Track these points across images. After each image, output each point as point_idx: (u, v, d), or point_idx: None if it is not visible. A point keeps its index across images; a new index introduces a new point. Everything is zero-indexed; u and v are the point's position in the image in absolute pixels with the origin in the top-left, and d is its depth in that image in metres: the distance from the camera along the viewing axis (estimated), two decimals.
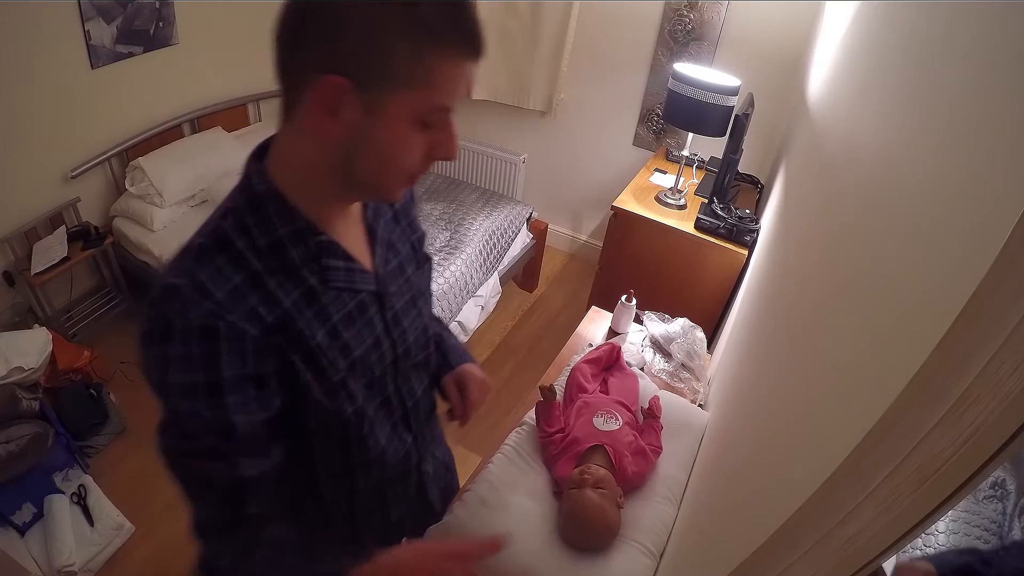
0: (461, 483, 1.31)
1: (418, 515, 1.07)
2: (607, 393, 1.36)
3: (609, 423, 1.23)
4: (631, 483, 1.21)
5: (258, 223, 0.64)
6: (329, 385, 0.70)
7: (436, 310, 1.94)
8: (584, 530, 1.11)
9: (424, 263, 0.90)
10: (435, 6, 0.56)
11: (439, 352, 0.98)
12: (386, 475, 0.87)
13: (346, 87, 0.57)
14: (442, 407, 1.01)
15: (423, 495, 1.03)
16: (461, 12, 0.57)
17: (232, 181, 0.69)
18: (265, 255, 0.64)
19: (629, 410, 1.31)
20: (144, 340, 0.61)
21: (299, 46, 0.62)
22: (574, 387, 1.37)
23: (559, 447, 1.24)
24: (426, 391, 0.93)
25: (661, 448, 1.30)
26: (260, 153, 0.68)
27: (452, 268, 2.36)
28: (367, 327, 0.74)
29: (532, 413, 1.49)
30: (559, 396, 1.38)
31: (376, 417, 0.80)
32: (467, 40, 0.58)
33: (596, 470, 1.14)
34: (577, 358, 1.66)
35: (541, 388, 1.34)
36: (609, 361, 1.47)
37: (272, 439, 0.68)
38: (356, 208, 0.75)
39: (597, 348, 1.49)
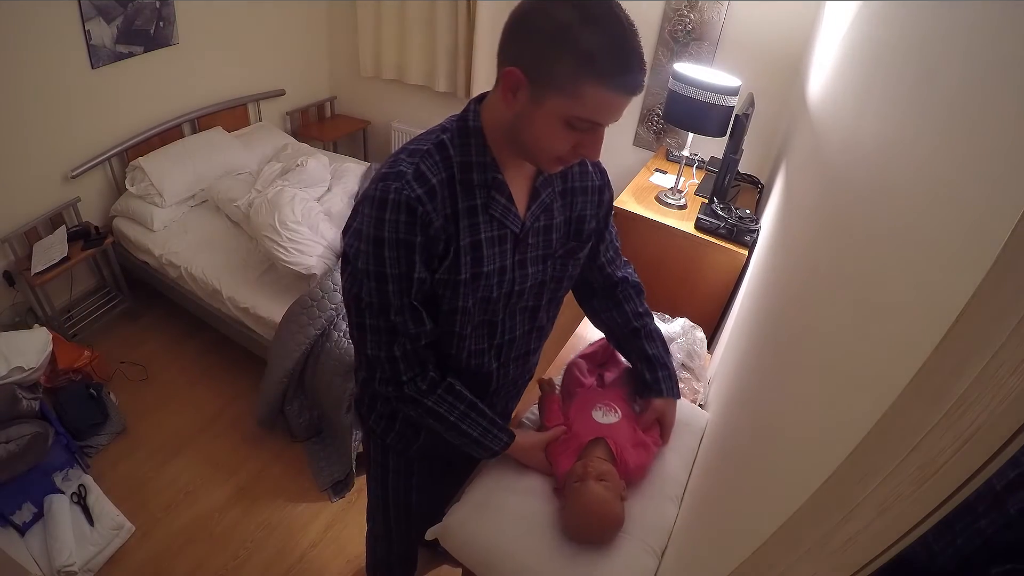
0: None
1: None
2: (604, 387, 1.36)
3: (608, 416, 1.23)
4: (632, 476, 1.21)
5: (463, 145, 0.87)
6: (460, 279, 0.89)
7: None
8: (588, 523, 1.11)
9: (575, 239, 1.05)
10: (606, 43, 0.71)
11: (645, 359, 1.23)
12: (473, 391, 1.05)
13: (522, 79, 0.76)
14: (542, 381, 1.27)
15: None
16: (626, 57, 0.73)
17: (232, 181, 0.72)
18: (460, 168, 0.86)
19: (626, 403, 1.31)
20: (374, 202, 0.82)
21: (507, 38, 0.78)
22: (571, 382, 1.37)
23: (560, 442, 1.24)
24: (525, 335, 1.10)
25: (660, 441, 1.30)
26: (480, 99, 0.89)
27: None
28: (500, 255, 0.93)
29: (530, 412, 1.49)
30: (557, 391, 1.38)
31: (472, 335, 0.99)
32: (621, 81, 0.73)
33: (599, 463, 1.13)
34: (577, 356, 1.66)
35: (540, 382, 1.34)
36: (604, 356, 1.47)
37: (436, 304, 0.91)
38: (530, 169, 0.93)
39: (592, 343, 1.48)
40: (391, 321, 0.88)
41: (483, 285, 0.92)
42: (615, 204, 2.27)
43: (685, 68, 2.09)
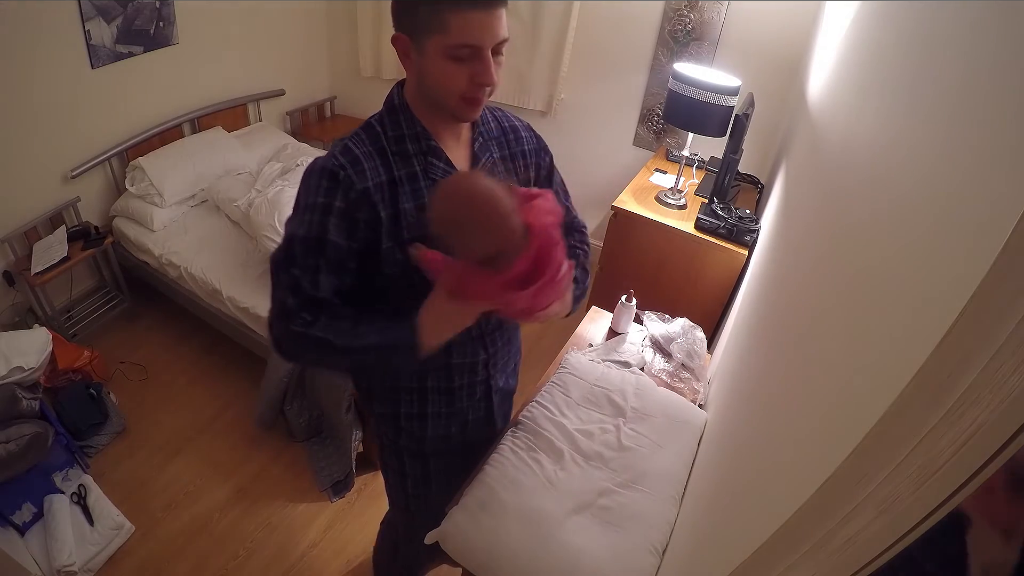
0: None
1: (482, 422, 1.27)
2: None
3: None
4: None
5: (393, 122, 0.94)
6: (402, 240, 0.93)
7: None
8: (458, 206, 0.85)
9: None
10: None
11: None
12: (452, 361, 1.08)
13: (405, 39, 0.86)
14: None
15: (488, 403, 1.25)
16: None
17: (232, 181, 0.74)
18: (393, 141, 0.93)
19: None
20: (306, 172, 0.93)
21: (392, 15, 0.87)
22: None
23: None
24: None
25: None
26: (402, 83, 0.96)
27: None
28: None
29: (527, 412, 1.49)
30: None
31: None
32: None
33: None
34: (576, 354, 1.66)
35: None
36: None
37: (351, 270, 0.94)
38: (466, 138, 1.00)
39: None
40: (292, 275, 0.93)
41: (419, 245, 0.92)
42: (615, 204, 2.28)
43: (685, 68, 2.09)
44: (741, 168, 2.39)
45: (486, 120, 1.04)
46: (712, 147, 2.59)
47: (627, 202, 2.30)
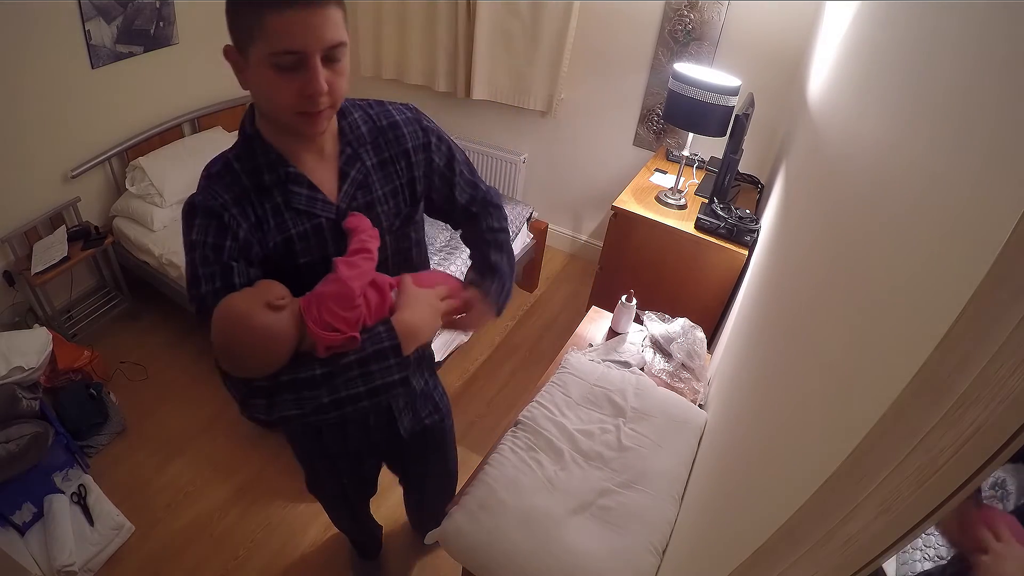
0: (460, 480, 1.31)
1: (384, 423, 1.21)
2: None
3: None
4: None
5: (246, 154, 0.89)
6: (282, 272, 0.90)
7: None
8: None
9: (409, 204, 1.02)
10: None
11: (487, 266, 1.11)
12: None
13: (233, 51, 0.82)
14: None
15: (388, 411, 1.18)
16: None
17: None
18: (250, 176, 0.88)
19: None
20: (183, 217, 0.88)
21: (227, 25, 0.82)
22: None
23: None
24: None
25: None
26: (252, 107, 0.90)
27: (452, 268, 2.36)
28: (318, 246, 0.92)
29: (527, 411, 1.49)
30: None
31: None
32: None
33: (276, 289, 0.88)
34: (576, 354, 1.66)
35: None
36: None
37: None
38: (331, 151, 0.93)
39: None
40: (201, 293, 0.86)
41: (309, 276, 0.88)
42: (615, 204, 2.28)
43: (685, 68, 2.09)
44: (741, 168, 2.39)
45: (354, 125, 0.95)
46: (712, 147, 2.59)
47: (627, 202, 2.30)
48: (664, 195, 2.31)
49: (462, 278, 1.13)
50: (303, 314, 0.84)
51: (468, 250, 1.19)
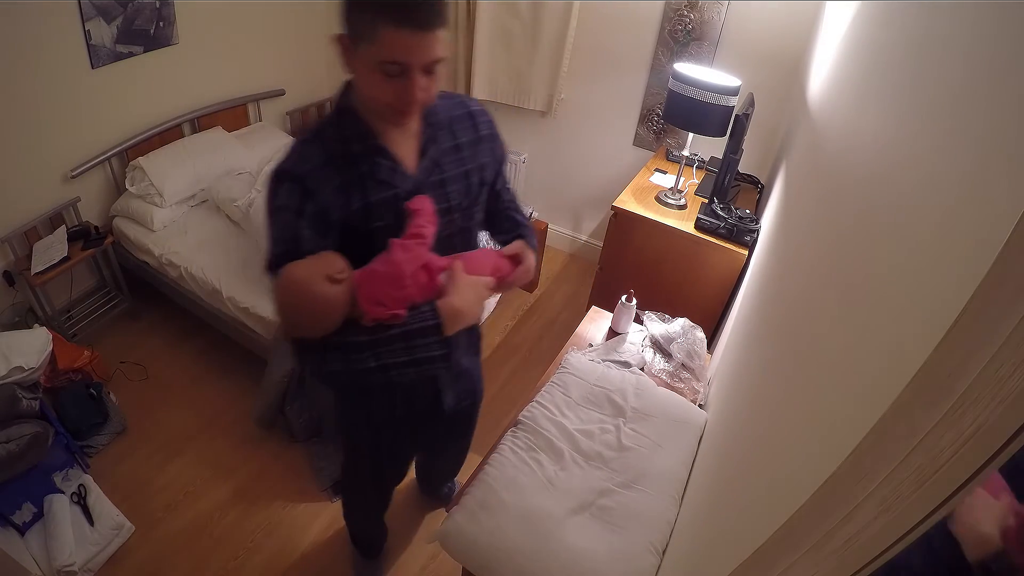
0: (460, 480, 1.31)
1: (430, 399, 1.27)
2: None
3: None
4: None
5: (340, 124, 0.98)
6: (359, 234, 0.99)
7: None
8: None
9: (478, 187, 1.11)
10: None
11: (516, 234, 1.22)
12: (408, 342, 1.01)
13: (346, 41, 0.87)
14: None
15: (434, 383, 1.24)
16: None
17: (232, 181, 0.75)
18: (340, 145, 0.97)
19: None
20: (268, 183, 0.98)
21: (341, 13, 0.88)
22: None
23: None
24: None
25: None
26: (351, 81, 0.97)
27: None
28: (395, 214, 1.00)
29: (527, 411, 1.49)
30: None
31: None
32: (401, 15, 0.81)
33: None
34: (576, 354, 1.66)
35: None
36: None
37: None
38: (414, 131, 1.01)
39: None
40: (275, 254, 0.97)
41: (382, 240, 0.98)
42: (615, 204, 2.28)
43: (685, 68, 2.09)
44: (741, 168, 2.39)
45: (436, 110, 1.03)
46: (712, 147, 2.59)
47: (627, 202, 2.30)
48: (664, 195, 2.31)
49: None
50: (355, 288, 0.94)
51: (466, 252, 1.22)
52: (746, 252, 2.02)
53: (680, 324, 1.78)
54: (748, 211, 2.09)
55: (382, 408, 1.27)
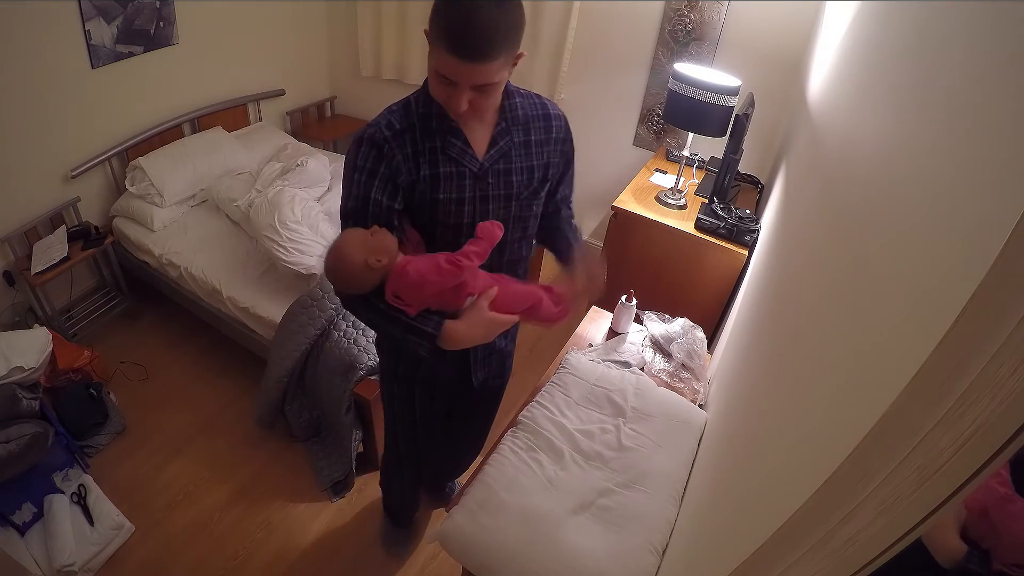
0: (460, 479, 1.31)
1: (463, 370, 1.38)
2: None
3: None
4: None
5: (424, 102, 1.08)
6: (421, 203, 1.11)
7: None
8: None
9: (540, 183, 1.20)
10: (451, 20, 0.92)
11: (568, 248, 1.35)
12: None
13: (428, 36, 0.97)
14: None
15: (465, 358, 1.35)
16: (458, 30, 0.91)
17: (232, 181, 0.75)
18: (422, 119, 1.08)
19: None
20: (351, 146, 1.10)
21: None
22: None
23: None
24: (499, 266, 1.21)
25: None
26: None
27: None
28: (458, 188, 1.11)
29: (527, 412, 1.49)
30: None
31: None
32: (454, 45, 0.92)
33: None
34: (576, 354, 1.66)
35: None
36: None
37: (390, 221, 1.09)
38: (490, 121, 1.12)
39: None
40: (346, 224, 1.11)
41: (443, 211, 1.11)
42: (615, 204, 2.28)
43: (685, 68, 2.09)
44: (741, 168, 2.39)
45: (514, 107, 1.14)
46: (712, 147, 2.59)
47: (627, 202, 2.30)
48: (664, 195, 2.31)
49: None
50: (388, 275, 1.06)
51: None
52: (746, 252, 2.02)
53: (680, 324, 1.78)
54: (748, 211, 2.09)
55: (410, 367, 1.36)
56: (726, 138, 2.04)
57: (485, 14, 0.91)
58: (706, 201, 2.21)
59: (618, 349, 1.75)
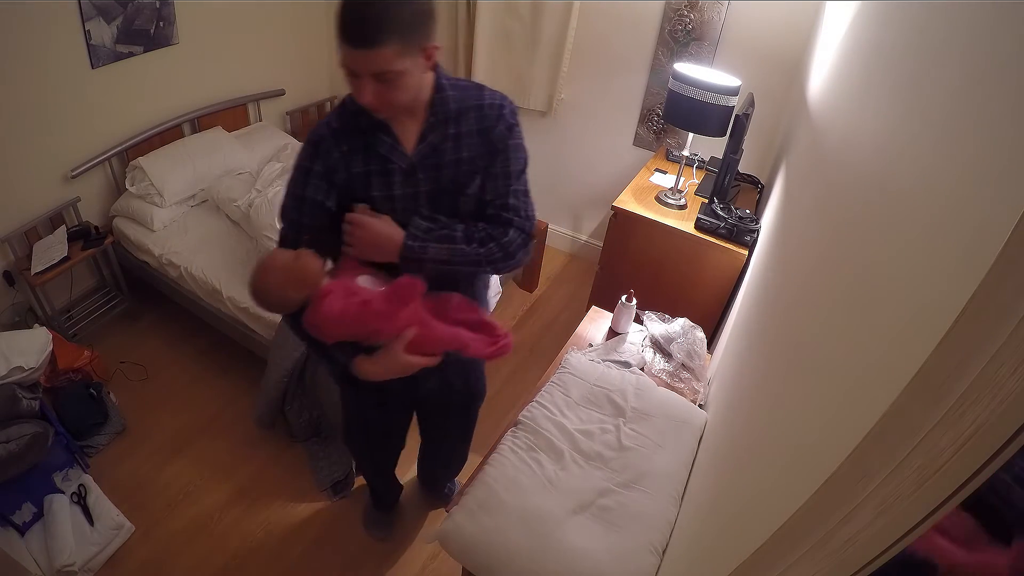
0: (460, 479, 1.31)
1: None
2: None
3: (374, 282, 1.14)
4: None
5: (354, 103, 1.05)
6: (355, 198, 1.13)
7: None
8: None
9: (466, 176, 1.16)
10: (342, 8, 0.93)
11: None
12: None
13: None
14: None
15: None
16: (346, 17, 0.93)
17: (232, 181, 0.77)
18: (355, 117, 1.09)
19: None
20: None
21: None
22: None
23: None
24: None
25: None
26: None
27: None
28: (387, 185, 1.13)
29: (527, 411, 1.49)
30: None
31: None
32: (343, 33, 0.94)
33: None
34: (576, 354, 1.66)
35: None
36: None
37: (323, 219, 1.13)
38: (420, 116, 1.11)
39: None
40: (282, 228, 1.16)
41: (376, 209, 1.13)
42: (615, 204, 2.28)
43: (685, 68, 2.09)
44: (741, 168, 2.39)
45: (445, 100, 1.12)
46: (712, 147, 2.59)
47: (627, 202, 2.30)
48: (664, 195, 2.31)
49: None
50: (311, 297, 1.08)
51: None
52: (746, 252, 2.02)
53: (680, 324, 1.78)
54: (748, 211, 2.09)
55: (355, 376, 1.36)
56: (726, 138, 2.04)
57: (373, 1, 0.93)
58: (706, 201, 2.21)
59: (618, 349, 1.75)
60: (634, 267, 2.34)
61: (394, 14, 0.93)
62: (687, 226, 2.16)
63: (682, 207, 2.28)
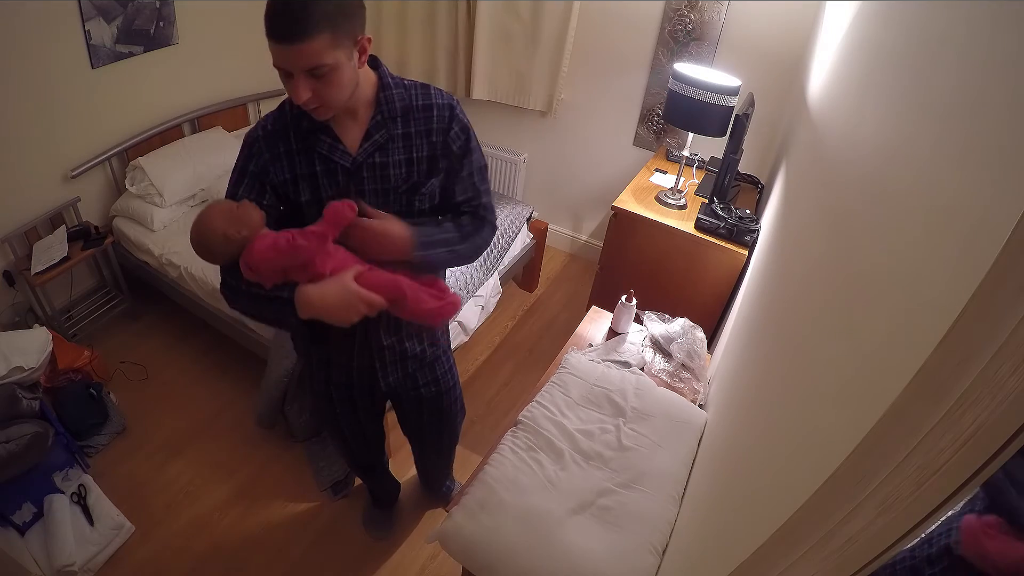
0: (460, 479, 1.31)
1: (363, 348, 1.30)
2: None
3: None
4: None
5: (293, 105, 1.07)
6: (299, 204, 1.14)
7: None
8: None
9: (421, 177, 1.16)
10: (267, 5, 0.93)
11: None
12: None
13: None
14: None
15: (369, 339, 1.28)
16: (271, 11, 0.92)
17: None
18: (295, 120, 1.11)
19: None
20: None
21: None
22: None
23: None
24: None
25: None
26: None
27: (452, 268, 2.36)
28: (332, 186, 1.12)
29: (527, 411, 1.49)
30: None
31: None
32: (269, 29, 0.93)
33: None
34: (576, 354, 1.66)
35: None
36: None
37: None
38: (364, 116, 1.11)
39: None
40: None
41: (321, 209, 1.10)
42: (615, 204, 2.28)
43: (685, 68, 2.09)
44: (741, 168, 2.39)
45: (391, 99, 1.12)
46: (712, 147, 2.59)
47: (627, 202, 2.30)
48: (664, 195, 2.31)
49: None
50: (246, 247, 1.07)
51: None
52: (746, 252, 2.02)
53: (680, 324, 1.78)
54: (748, 211, 2.09)
55: (320, 368, 1.38)
56: (726, 138, 2.04)
57: None
58: (706, 201, 2.21)
59: (618, 349, 1.75)
60: (634, 267, 2.34)
61: (322, 7, 0.92)
62: (687, 226, 2.16)
63: (682, 207, 2.28)
